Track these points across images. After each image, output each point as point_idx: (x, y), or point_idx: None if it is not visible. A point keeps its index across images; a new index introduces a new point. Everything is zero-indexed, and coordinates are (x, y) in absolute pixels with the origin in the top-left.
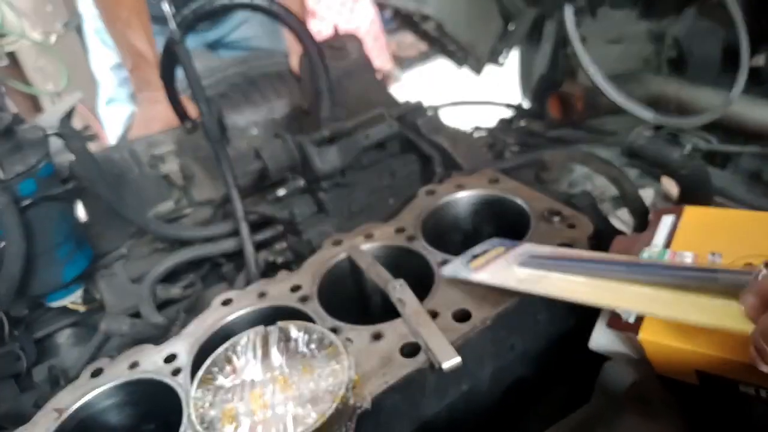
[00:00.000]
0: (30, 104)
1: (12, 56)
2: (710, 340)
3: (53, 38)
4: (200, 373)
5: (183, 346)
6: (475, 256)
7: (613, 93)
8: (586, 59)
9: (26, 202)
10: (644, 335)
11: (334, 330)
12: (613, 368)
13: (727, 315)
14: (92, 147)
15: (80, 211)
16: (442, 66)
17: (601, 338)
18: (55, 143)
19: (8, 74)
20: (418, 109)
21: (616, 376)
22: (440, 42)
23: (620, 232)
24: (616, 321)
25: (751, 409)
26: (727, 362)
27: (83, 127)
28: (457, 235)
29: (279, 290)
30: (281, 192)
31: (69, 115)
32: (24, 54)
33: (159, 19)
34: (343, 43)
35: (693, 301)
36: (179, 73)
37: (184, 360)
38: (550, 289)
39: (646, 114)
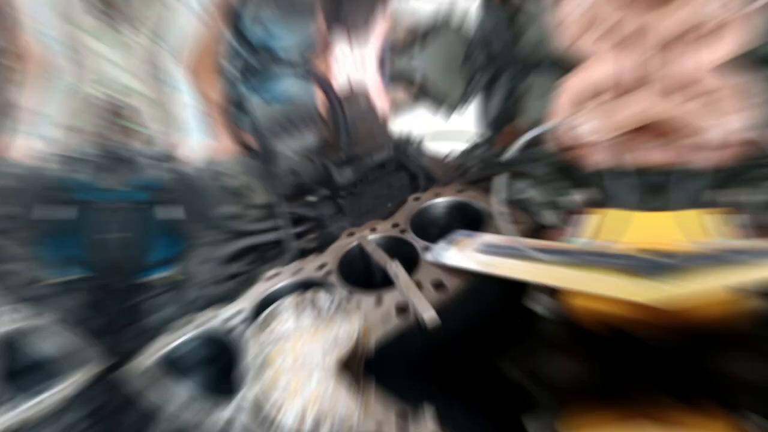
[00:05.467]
0: None
1: None
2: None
3: None
4: (253, 326)
5: (244, 305)
6: (447, 244)
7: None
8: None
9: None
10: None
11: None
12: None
13: (627, 288)
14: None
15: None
16: (423, 112)
17: None
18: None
19: None
20: (408, 140)
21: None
22: (422, 92)
23: (552, 227)
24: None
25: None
26: (626, 320)
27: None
28: (435, 229)
29: (310, 267)
30: (311, 199)
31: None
32: None
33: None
34: (355, 95)
35: (603, 278)
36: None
37: (244, 316)
38: (502, 271)
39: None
